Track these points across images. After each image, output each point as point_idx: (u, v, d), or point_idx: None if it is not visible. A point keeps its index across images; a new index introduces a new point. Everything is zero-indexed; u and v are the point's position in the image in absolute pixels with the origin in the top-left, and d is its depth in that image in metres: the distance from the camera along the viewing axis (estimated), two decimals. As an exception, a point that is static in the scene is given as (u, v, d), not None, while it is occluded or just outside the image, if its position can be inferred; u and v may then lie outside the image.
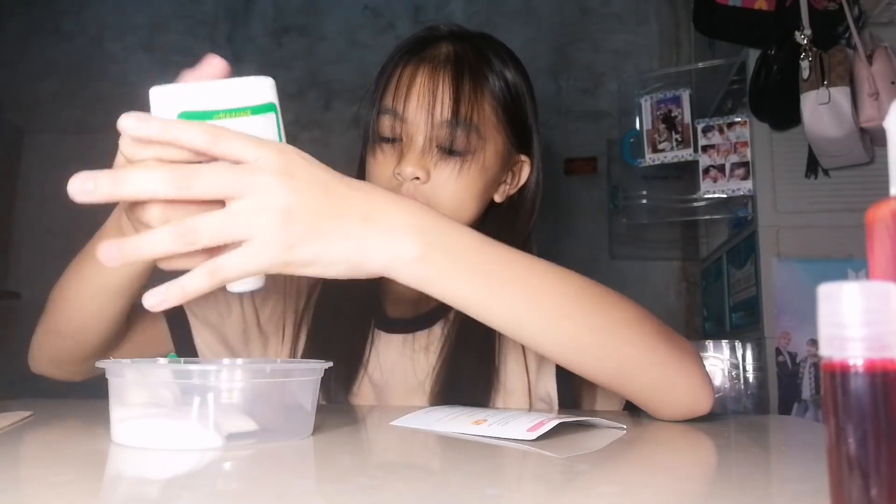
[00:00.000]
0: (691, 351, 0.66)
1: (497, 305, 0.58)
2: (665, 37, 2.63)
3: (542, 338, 0.61)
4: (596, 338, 0.61)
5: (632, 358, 0.63)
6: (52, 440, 0.55)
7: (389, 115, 0.83)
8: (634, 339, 0.63)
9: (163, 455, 0.47)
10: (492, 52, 0.88)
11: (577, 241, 2.55)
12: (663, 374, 0.64)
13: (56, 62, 2.71)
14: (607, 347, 0.62)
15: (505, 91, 0.86)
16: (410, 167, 0.80)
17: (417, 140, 0.81)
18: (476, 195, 0.84)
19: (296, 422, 0.54)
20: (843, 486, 0.26)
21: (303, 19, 2.76)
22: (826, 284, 0.27)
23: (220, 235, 0.48)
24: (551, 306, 0.60)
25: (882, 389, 0.26)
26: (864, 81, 1.56)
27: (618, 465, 0.49)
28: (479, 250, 0.59)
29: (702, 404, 0.65)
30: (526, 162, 0.90)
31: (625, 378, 0.64)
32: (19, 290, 2.39)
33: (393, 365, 0.85)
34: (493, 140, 0.85)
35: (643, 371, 0.63)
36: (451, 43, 0.86)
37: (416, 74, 0.83)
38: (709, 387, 0.66)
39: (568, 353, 0.62)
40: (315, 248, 0.50)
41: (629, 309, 0.64)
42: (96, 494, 0.39)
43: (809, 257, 1.71)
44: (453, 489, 0.39)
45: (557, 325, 0.60)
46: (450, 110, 0.81)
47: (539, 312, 0.60)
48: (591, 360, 0.62)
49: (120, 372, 0.51)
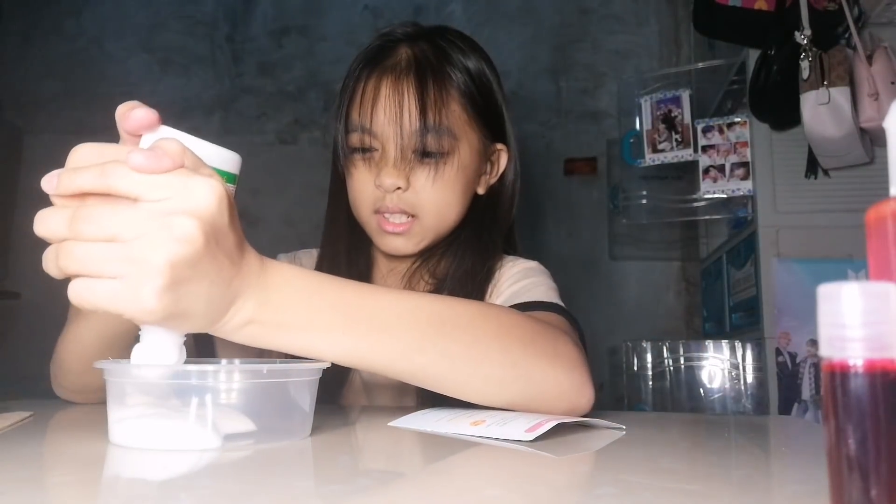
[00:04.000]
0: (565, 353, 0.65)
1: (331, 350, 0.55)
2: (665, 37, 2.63)
3: (393, 373, 0.59)
4: (451, 365, 0.60)
5: (492, 376, 0.62)
6: (52, 441, 0.55)
7: (358, 131, 0.84)
8: (495, 357, 0.61)
9: (161, 456, 0.47)
10: (451, 47, 0.87)
11: (577, 242, 2.55)
12: (529, 386, 0.63)
13: (56, 62, 2.71)
14: (465, 371, 0.60)
15: (470, 84, 0.86)
16: (390, 179, 0.81)
17: (390, 151, 0.82)
18: (459, 193, 0.85)
19: (294, 422, 0.54)
20: (843, 486, 0.26)
21: (303, 20, 2.75)
22: (826, 285, 0.27)
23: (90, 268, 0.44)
24: (397, 343, 0.57)
25: (882, 389, 0.26)
26: (863, 81, 1.56)
27: (617, 466, 0.49)
28: (320, 301, 0.55)
29: (578, 403, 0.64)
30: (503, 150, 0.91)
31: (488, 395, 0.63)
32: (19, 290, 2.39)
33: None
34: (467, 137, 0.85)
35: (506, 386, 0.62)
36: (409, 46, 0.86)
37: (379, 86, 0.83)
38: (585, 387, 0.65)
39: (428, 383, 0.61)
40: (182, 308, 0.46)
41: (492, 325, 0.62)
42: (96, 495, 0.39)
43: (809, 257, 1.71)
44: (453, 490, 0.39)
45: (407, 359, 0.58)
46: (417, 119, 0.81)
47: (382, 351, 0.57)
48: (451, 386, 0.61)
49: (117, 373, 0.51)
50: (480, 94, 0.87)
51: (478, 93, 0.87)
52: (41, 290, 0.73)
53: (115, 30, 2.77)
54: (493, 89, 0.89)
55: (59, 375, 0.75)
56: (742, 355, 1.86)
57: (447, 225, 0.88)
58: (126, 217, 0.44)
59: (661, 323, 2.48)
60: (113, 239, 0.44)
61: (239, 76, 2.75)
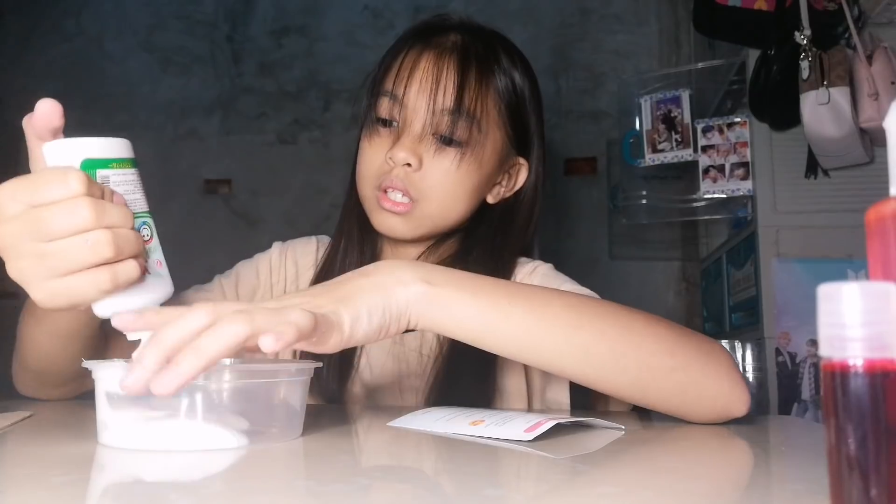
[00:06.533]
0: (718, 351, 0.62)
1: (507, 324, 0.57)
2: (665, 37, 2.63)
3: (556, 353, 0.58)
4: (610, 346, 0.58)
5: (650, 364, 0.59)
6: (51, 440, 0.55)
7: (388, 97, 0.81)
8: (650, 343, 0.59)
9: (154, 456, 0.47)
10: (502, 49, 0.85)
11: (577, 242, 2.55)
12: (686, 379, 0.60)
13: (56, 62, 2.71)
14: (623, 355, 0.58)
15: (510, 90, 0.84)
16: (403, 152, 0.77)
17: (415, 126, 0.79)
18: (469, 191, 0.82)
19: (286, 422, 0.54)
20: (843, 486, 0.26)
21: (303, 19, 2.75)
22: (826, 285, 0.27)
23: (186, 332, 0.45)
24: (559, 318, 0.58)
25: (882, 389, 0.26)
26: (863, 82, 1.56)
27: (617, 466, 0.49)
28: (473, 278, 0.58)
29: (736, 406, 0.61)
30: (524, 165, 0.88)
31: (646, 387, 0.60)
32: (18, 291, 2.39)
33: (383, 366, 0.83)
34: (493, 136, 0.82)
35: (664, 377, 0.60)
36: (461, 33, 0.83)
37: (419, 59, 0.80)
38: (741, 386, 0.61)
39: (586, 368, 0.59)
40: (351, 307, 0.51)
41: (641, 316, 0.61)
42: (93, 495, 0.39)
43: (809, 257, 1.71)
44: (452, 490, 0.39)
45: (569, 337, 0.57)
46: (452, 98, 0.78)
47: (548, 325, 0.57)
48: (609, 372, 0.59)
49: (106, 372, 0.50)
50: (518, 103, 0.85)
51: (516, 101, 0.84)
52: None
53: (115, 30, 2.77)
54: (529, 105, 0.87)
55: (19, 373, 0.77)
56: (742, 355, 1.86)
57: (447, 219, 0.84)
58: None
59: (661, 323, 2.47)
60: None
61: (239, 76, 2.75)
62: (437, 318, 0.56)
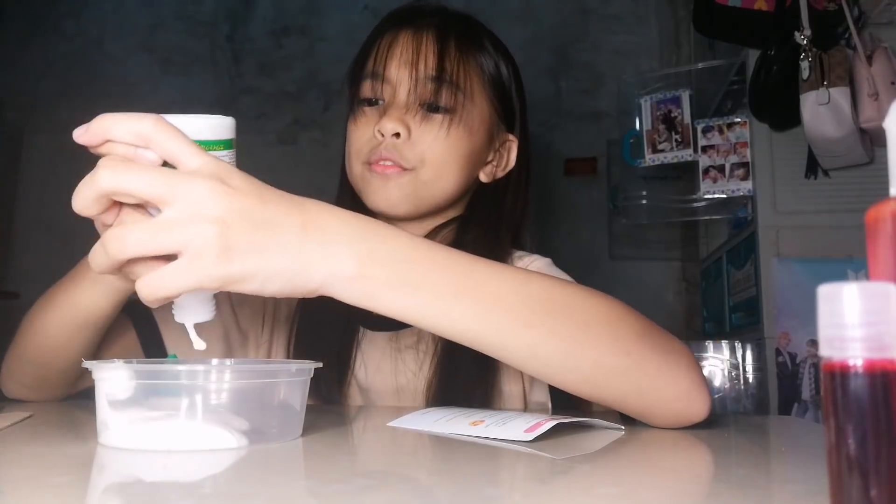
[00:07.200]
0: (680, 352, 0.60)
1: (445, 317, 0.53)
2: (665, 37, 2.63)
3: (499, 349, 0.56)
4: (560, 345, 0.56)
5: (603, 364, 0.57)
6: (51, 441, 0.55)
7: (370, 78, 0.80)
8: (606, 342, 0.57)
9: (154, 456, 0.47)
10: (482, 32, 0.85)
11: (577, 242, 2.55)
12: (644, 380, 0.58)
13: (56, 62, 2.71)
14: (573, 354, 0.56)
15: (494, 69, 0.84)
16: (391, 122, 0.76)
17: (400, 96, 0.79)
18: (460, 159, 0.80)
19: (286, 423, 0.53)
20: (843, 486, 0.26)
21: (303, 20, 2.76)
22: (826, 285, 0.27)
23: (148, 246, 0.45)
24: (508, 315, 0.55)
25: (882, 390, 0.26)
26: (863, 82, 1.56)
27: (617, 466, 0.49)
28: (425, 260, 0.53)
29: (694, 410, 0.59)
30: (514, 142, 0.88)
31: (598, 386, 0.58)
32: (19, 291, 2.39)
33: (378, 365, 0.82)
34: (480, 105, 0.82)
35: (618, 377, 0.57)
36: (439, 15, 0.83)
37: (397, 37, 0.80)
38: (701, 390, 0.59)
39: (531, 363, 0.57)
40: (252, 262, 0.47)
41: (603, 310, 0.58)
42: (93, 496, 0.39)
43: (809, 257, 1.71)
44: (452, 490, 0.39)
45: (515, 334, 0.55)
46: (434, 65, 0.78)
47: (494, 322, 0.54)
48: (557, 369, 0.57)
49: (107, 373, 0.51)
50: (502, 81, 0.84)
51: (500, 79, 0.84)
52: (41, 290, 0.73)
53: (115, 30, 2.77)
54: (511, 84, 0.86)
55: (16, 370, 0.75)
56: (742, 355, 1.86)
57: (444, 189, 0.81)
58: (167, 177, 0.46)
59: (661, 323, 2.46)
60: (161, 201, 0.46)
61: (239, 76, 2.75)
62: (362, 302, 0.52)
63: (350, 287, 0.51)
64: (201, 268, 0.46)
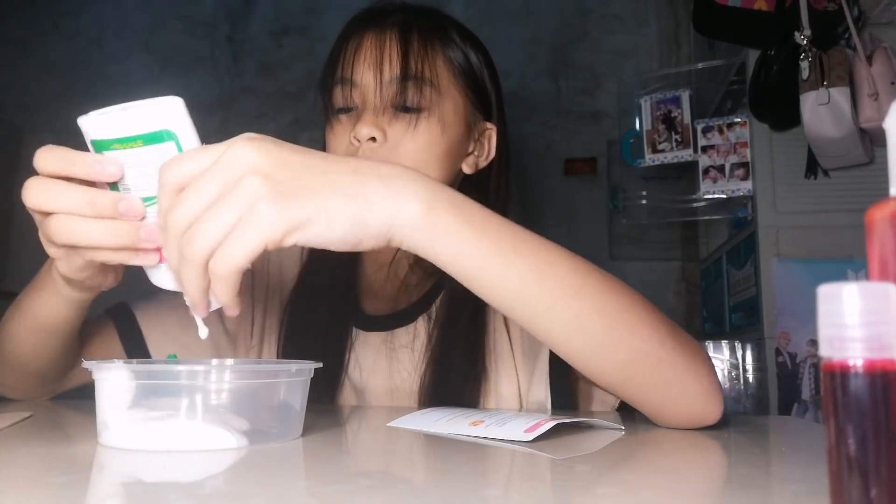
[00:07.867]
0: (702, 352, 0.60)
1: (505, 274, 0.52)
2: (665, 37, 2.63)
3: (548, 318, 0.55)
4: (605, 322, 0.55)
5: (641, 351, 0.56)
6: (51, 441, 0.55)
7: (340, 84, 0.81)
8: (644, 329, 0.56)
9: (154, 456, 0.47)
10: (448, 23, 0.85)
11: (577, 242, 2.54)
12: (672, 374, 0.57)
13: (56, 62, 2.71)
14: (617, 335, 0.55)
15: (463, 59, 0.83)
16: (365, 128, 0.76)
17: (370, 100, 0.79)
18: (439, 156, 0.79)
19: (286, 423, 0.54)
20: (843, 486, 0.26)
21: (303, 20, 2.76)
22: (826, 285, 0.27)
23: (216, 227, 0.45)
24: (561, 281, 0.54)
25: (882, 390, 0.26)
26: (863, 82, 1.56)
27: (617, 466, 0.49)
28: (483, 211, 0.53)
29: (711, 412, 0.59)
30: (493, 129, 0.86)
31: (632, 375, 0.57)
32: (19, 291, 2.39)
33: (372, 365, 0.82)
34: (452, 97, 0.81)
35: (652, 367, 0.57)
36: (402, 13, 0.83)
37: (363, 40, 0.80)
38: (719, 394, 0.59)
39: (574, 339, 0.56)
40: (311, 202, 0.46)
41: (638, 298, 0.58)
42: (93, 496, 0.39)
43: (809, 257, 1.71)
44: (452, 490, 0.39)
45: (566, 303, 0.54)
46: (399, 65, 0.78)
47: (548, 286, 0.53)
48: (597, 350, 0.56)
49: (107, 373, 0.51)
50: (472, 70, 0.83)
51: (470, 68, 0.83)
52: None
53: (115, 30, 2.77)
54: (484, 68, 0.85)
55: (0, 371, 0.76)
56: (742, 355, 1.86)
57: None
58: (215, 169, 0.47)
59: (662, 323, 2.48)
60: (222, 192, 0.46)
61: (239, 76, 2.75)
62: (427, 247, 0.51)
63: (417, 227, 0.49)
64: (260, 218, 0.45)
